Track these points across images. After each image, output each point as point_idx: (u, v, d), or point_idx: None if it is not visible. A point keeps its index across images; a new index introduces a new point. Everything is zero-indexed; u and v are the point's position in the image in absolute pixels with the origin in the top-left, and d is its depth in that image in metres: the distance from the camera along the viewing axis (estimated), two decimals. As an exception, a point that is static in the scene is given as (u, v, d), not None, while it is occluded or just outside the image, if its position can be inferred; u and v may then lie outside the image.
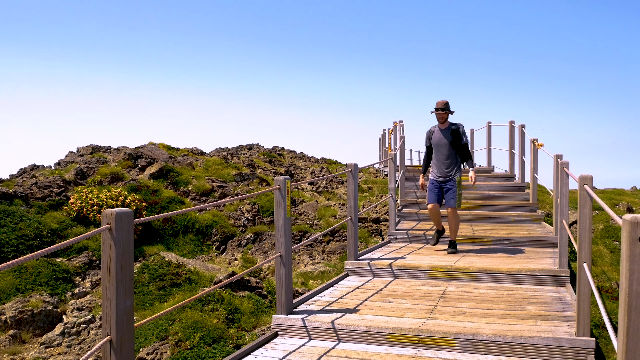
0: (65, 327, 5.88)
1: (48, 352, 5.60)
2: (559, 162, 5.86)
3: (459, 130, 6.98)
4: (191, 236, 9.33)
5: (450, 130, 6.98)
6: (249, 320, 5.63)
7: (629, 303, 2.04)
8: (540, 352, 3.92)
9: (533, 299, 5.12)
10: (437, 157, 7.06)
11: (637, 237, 2.02)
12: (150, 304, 6.43)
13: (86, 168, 11.61)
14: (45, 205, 9.05)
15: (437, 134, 7.05)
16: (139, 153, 13.19)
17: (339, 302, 5.12)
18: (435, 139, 7.07)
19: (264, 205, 10.48)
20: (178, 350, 5.00)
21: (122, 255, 2.72)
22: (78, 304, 6.38)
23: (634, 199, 11.71)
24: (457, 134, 6.95)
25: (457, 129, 6.97)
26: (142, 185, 10.66)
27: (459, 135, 6.96)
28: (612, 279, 7.44)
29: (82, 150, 14.45)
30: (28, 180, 10.62)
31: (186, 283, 6.89)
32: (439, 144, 7.01)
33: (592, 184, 3.69)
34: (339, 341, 4.33)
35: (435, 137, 7.08)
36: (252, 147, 20.02)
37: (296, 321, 4.52)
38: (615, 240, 8.89)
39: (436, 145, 7.05)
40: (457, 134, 6.95)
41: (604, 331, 5.74)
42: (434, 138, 7.10)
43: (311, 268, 7.94)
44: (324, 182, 14.10)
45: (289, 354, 4.07)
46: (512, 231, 8.20)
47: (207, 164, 13.45)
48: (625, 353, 2.06)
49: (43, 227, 8.07)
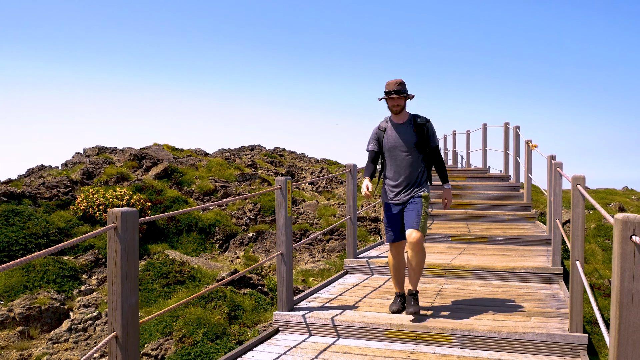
0: (72, 324, 5.88)
1: (55, 348, 5.60)
2: (552, 163, 5.86)
3: (425, 126, 4.43)
4: (194, 235, 9.33)
5: (412, 126, 4.43)
6: (250, 317, 5.63)
7: (621, 300, 2.04)
8: (534, 348, 3.92)
9: (527, 296, 5.12)
10: (392, 166, 4.50)
11: (629, 236, 2.02)
12: (155, 300, 6.43)
13: (92, 168, 11.61)
14: (53, 205, 9.05)
15: (392, 131, 4.47)
16: (144, 154, 13.19)
17: (339, 299, 5.11)
18: (389, 139, 4.47)
19: (266, 205, 10.48)
20: (182, 346, 5.00)
21: (127, 253, 2.72)
22: (84, 301, 6.38)
23: (626, 198, 11.72)
24: (422, 131, 4.41)
25: (422, 124, 4.42)
26: (147, 185, 10.66)
27: (425, 134, 4.42)
28: (604, 277, 7.44)
29: (89, 151, 14.46)
30: (36, 180, 10.62)
31: (190, 280, 6.89)
32: (394, 146, 4.45)
33: (584, 184, 3.68)
34: (338, 337, 4.33)
35: (388, 138, 4.48)
36: (254, 148, 20.01)
37: (297, 317, 4.51)
38: (607, 238, 8.89)
39: (391, 149, 4.46)
40: (422, 131, 4.41)
41: (596, 327, 5.74)
42: (386, 138, 4.48)
43: (311, 266, 7.94)
44: (323, 182, 14.11)
45: (290, 349, 4.07)
46: (506, 230, 8.19)
47: (210, 164, 13.45)
48: (617, 348, 2.06)
49: (50, 226, 8.07)
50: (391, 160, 4.45)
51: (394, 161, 4.43)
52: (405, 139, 4.37)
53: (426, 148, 4.41)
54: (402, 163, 4.40)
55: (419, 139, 4.36)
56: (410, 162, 4.39)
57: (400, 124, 4.42)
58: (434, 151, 4.48)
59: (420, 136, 4.36)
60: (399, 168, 4.41)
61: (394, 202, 4.45)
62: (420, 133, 4.35)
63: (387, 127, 4.46)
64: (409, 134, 4.37)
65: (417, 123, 4.37)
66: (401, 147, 4.38)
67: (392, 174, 4.46)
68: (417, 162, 4.41)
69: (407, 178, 4.41)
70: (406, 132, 4.37)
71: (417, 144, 4.36)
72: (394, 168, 4.44)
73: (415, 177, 4.42)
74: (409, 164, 4.39)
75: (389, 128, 4.45)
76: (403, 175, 4.40)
